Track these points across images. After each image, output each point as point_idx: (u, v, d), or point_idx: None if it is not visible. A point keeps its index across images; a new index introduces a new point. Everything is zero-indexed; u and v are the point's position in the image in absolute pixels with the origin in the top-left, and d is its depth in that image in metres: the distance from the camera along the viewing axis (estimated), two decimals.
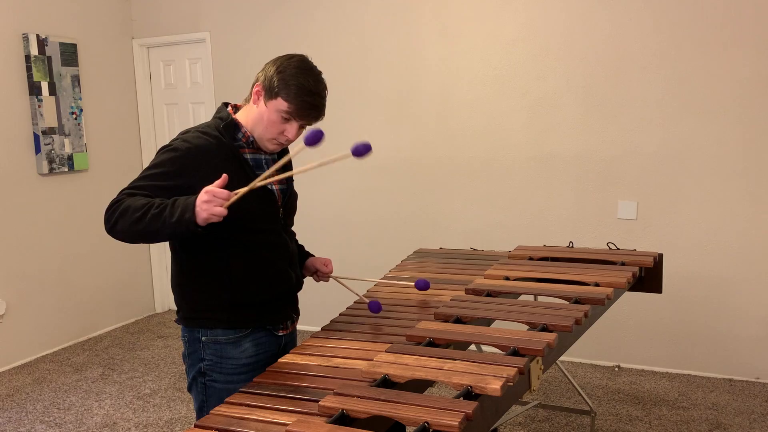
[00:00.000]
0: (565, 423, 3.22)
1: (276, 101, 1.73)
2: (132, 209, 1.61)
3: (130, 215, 1.61)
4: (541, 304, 1.95)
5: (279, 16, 4.52)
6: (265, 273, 1.83)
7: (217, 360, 1.82)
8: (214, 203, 1.56)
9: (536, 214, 4.01)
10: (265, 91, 1.75)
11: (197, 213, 1.56)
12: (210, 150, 1.74)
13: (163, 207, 1.60)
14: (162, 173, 1.71)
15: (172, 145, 1.75)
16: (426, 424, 1.24)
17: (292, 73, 1.72)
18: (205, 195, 1.56)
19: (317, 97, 1.75)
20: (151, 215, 1.59)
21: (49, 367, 4.17)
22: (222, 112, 1.84)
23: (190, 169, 1.71)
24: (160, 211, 1.59)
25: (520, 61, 3.93)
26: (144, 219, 1.59)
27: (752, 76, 3.46)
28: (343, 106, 4.42)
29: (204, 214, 1.56)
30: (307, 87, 1.72)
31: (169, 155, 1.72)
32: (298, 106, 1.73)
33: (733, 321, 3.65)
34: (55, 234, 4.47)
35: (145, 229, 1.60)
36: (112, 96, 4.90)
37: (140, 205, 1.61)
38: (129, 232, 1.63)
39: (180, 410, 3.49)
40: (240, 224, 1.77)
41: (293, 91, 1.71)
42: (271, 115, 1.75)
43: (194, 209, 1.56)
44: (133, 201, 1.63)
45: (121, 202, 1.65)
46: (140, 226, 1.60)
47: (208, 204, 1.55)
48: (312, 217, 4.48)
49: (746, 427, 3.12)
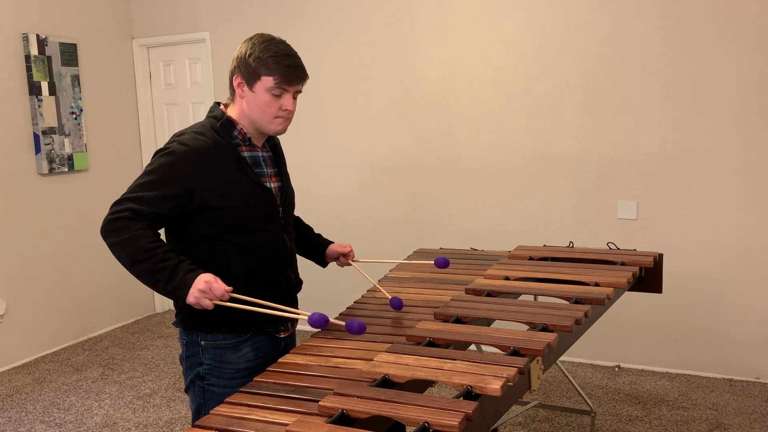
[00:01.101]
0: (565, 423, 3.22)
1: (261, 81, 1.73)
2: (135, 248, 1.64)
3: (130, 251, 1.64)
4: (541, 304, 1.95)
5: (279, 16, 4.52)
6: (266, 275, 1.83)
7: (216, 364, 1.81)
8: (207, 296, 1.63)
9: (536, 214, 4.01)
10: (246, 78, 1.75)
11: (189, 294, 1.62)
12: (207, 151, 1.72)
13: (162, 268, 1.63)
14: (161, 180, 1.69)
15: (169, 148, 1.72)
16: (426, 424, 1.24)
17: (262, 49, 1.73)
18: (203, 284, 1.62)
19: (295, 58, 1.76)
20: (149, 269, 1.64)
21: (49, 367, 4.17)
22: (215, 111, 1.83)
23: (189, 173, 1.69)
24: (158, 270, 1.63)
25: (520, 61, 3.93)
26: (141, 265, 1.64)
27: (752, 76, 3.45)
28: (343, 106, 4.42)
29: (192, 299, 1.63)
30: (281, 53, 1.74)
31: (167, 159, 1.70)
32: (283, 74, 1.73)
33: (733, 321, 3.65)
34: (55, 234, 4.47)
35: (138, 272, 1.66)
36: (112, 96, 4.91)
37: (144, 249, 1.63)
38: (123, 259, 1.66)
39: (180, 410, 3.48)
40: (240, 225, 1.77)
41: (272, 63, 1.72)
42: (262, 97, 1.75)
43: (188, 290, 1.62)
44: (138, 236, 1.64)
45: (128, 228, 1.64)
46: (135, 268, 1.65)
47: (201, 294, 1.62)
48: (312, 217, 4.46)
49: (746, 427, 3.12)
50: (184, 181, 1.69)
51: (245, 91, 1.76)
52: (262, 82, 1.73)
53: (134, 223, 1.65)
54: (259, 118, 1.78)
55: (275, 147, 1.94)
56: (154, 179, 1.69)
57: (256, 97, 1.75)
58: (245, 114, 1.79)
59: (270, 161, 1.89)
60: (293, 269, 1.94)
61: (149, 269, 1.63)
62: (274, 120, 1.78)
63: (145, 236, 1.64)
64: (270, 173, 1.87)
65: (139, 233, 1.64)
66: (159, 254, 1.63)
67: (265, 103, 1.75)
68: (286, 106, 1.77)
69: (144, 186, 1.69)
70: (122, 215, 1.65)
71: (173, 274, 1.63)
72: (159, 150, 1.75)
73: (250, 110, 1.77)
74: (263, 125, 1.79)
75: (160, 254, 1.64)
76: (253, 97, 1.75)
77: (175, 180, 1.69)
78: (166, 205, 1.68)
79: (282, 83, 1.74)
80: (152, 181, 1.69)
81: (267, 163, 1.87)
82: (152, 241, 1.65)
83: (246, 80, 1.75)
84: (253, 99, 1.75)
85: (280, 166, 1.92)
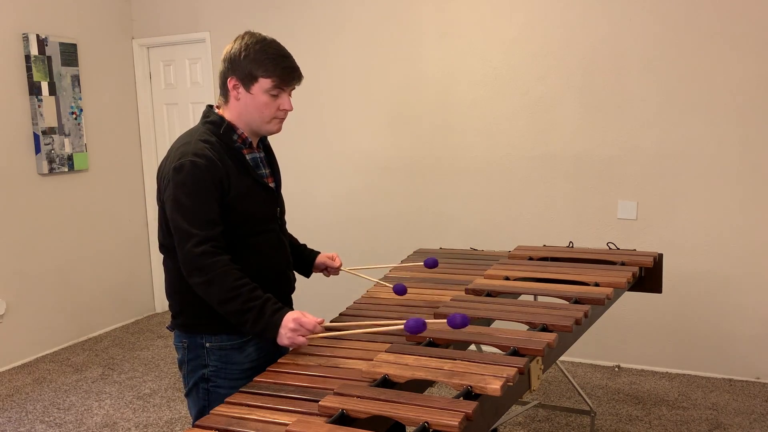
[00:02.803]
0: (565, 423, 3.22)
1: (258, 83, 1.73)
2: (221, 287, 1.63)
3: (217, 291, 1.64)
4: (541, 304, 1.95)
5: (279, 16, 4.52)
6: (268, 275, 1.83)
7: (222, 366, 1.81)
8: (300, 332, 1.64)
9: (536, 214, 4.01)
10: (242, 81, 1.74)
11: (279, 335, 1.63)
12: (218, 158, 1.71)
13: (249, 308, 1.64)
14: (203, 193, 1.66)
15: (187, 162, 1.67)
16: (426, 424, 1.24)
17: (257, 50, 1.72)
18: (292, 323, 1.63)
19: (290, 59, 1.77)
20: (236, 309, 1.64)
21: (49, 367, 4.17)
22: (212, 116, 1.80)
23: (216, 180, 1.68)
24: (245, 310, 1.64)
25: (520, 61, 3.93)
26: (228, 305, 1.64)
27: (752, 76, 3.45)
28: (343, 106, 4.42)
29: (286, 341, 1.64)
30: (277, 55, 1.74)
31: (193, 175, 1.66)
32: (281, 75, 1.74)
33: (733, 321, 3.65)
34: (55, 234, 4.47)
35: (226, 312, 1.66)
36: (112, 96, 4.90)
37: (230, 288, 1.63)
38: (211, 299, 1.67)
39: (180, 410, 3.48)
40: (249, 226, 1.77)
41: (269, 64, 1.72)
42: (260, 99, 1.74)
43: (277, 331, 1.63)
44: (224, 274, 1.63)
45: (215, 266, 1.63)
46: (223, 308, 1.66)
47: (294, 333, 1.64)
48: (312, 217, 4.48)
49: (746, 427, 3.12)
50: (214, 190, 1.68)
51: (241, 92, 1.75)
52: (259, 83, 1.73)
53: (218, 259, 1.64)
54: (257, 119, 1.77)
55: (267, 148, 1.95)
56: (197, 198, 1.66)
57: (254, 99, 1.75)
58: (242, 116, 1.78)
59: (265, 162, 1.90)
60: (290, 270, 1.95)
61: (236, 310, 1.64)
62: (272, 120, 1.79)
63: (230, 274, 1.64)
64: (266, 174, 1.89)
65: (224, 271, 1.64)
66: (244, 294, 1.64)
67: (263, 105, 1.75)
68: (284, 106, 1.78)
69: (195, 208, 1.66)
70: (204, 249, 1.63)
71: (260, 316, 1.64)
72: (177, 167, 1.68)
73: (247, 112, 1.77)
74: (260, 126, 1.79)
75: (245, 294, 1.64)
76: (250, 98, 1.75)
77: (210, 190, 1.67)
78: (219, 216, 1.69)
79: (280, 84, 1.74)
80: (198, 201, 1.66)
81: (264, 164, 1.88)
82: (237, 279, 1.64)
83: (242, 82, 1.74)
84: (251, 101, 1.75)
85: (273, 166, 1.93)
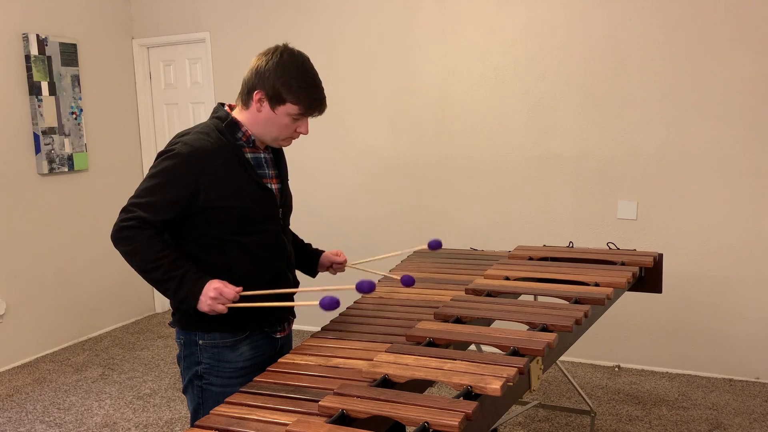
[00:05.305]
0: (565, 423, 3.22)
1: (285, 107, 1.75)
2: (143, 258, 1.68)
3: (139, 261, 1.69)
4: (541, 304, 1.95)
5: (279, 16, 4.52)
6: (265, 275, 1.83)
7: (214, 363, 1.82)
8: (219, 301, 1.67)
9: (536, 214, 4.01)
10: (270, 99, 1.75)
11: (200, 302, 1.67)
12: (211, 151, 1.72)
13: (169, 278, 1.68)
14: (167, 183, 1.69)
15: (173, 149, 1.72)
16: (426, 424, 1.24)
17: (293, 76, 1.73)
18: (212, 291, 1.66)
19: (320, 89, 1.79)
20: (157, 278, 1.69)
21: (49, 367, 4.17)
22: (220, 112, 1.83)
23: (194, 174, 1.70)
24: (166, 279, 1.68)
25: (520, 61, 3.93)
26: (149, 274, 1.69)
27: (752, 76, 3.45)
28: (343, 106, 4.42)
29: (205, 307, 1.67)
30: (310, 84, 1.76)
31: (172, 162, 1.70)
32: (308, 105, 1.76)
33: (733, 321, 3.65)
34: (55, 234, 4.47)
35: (149, 281, 1.71)
36: (112, 96, 4.90)
37: (151, 259, 1.68)
38: (134, 268, 1.72)
39: (180, 410, 3.49)
40: (241, 225, 1.77)
41: (301, 94, 1.74)
42: (282, 120, 1.77)
43: (198, 298, 1.66)
44: (146, 246, 1.68)
45: (136, 238, 1.68)
46: (145, 277, 1.71)
47: (214, 301, 1.67)
48: (312, 216, 4.48)
49: (746, 427, 3.12)
50: (188, 183, 1.69)
51: (265, 107, 1.76)
52: (286, 107, 1.75)
53: (142, 233, 1.68)
54: (273, 134, 1.80)
55: (276, 150, 1.95)
56: (160, 183, 1.70)
57: (276, 118, 1.77)
58: (257, 125, 1.79)
59: (271, 163, 1.89)
60: (291, 270, 1.94)
61: (157, 279, 1.69)
62: (286, 140, 1.83)
63: (152, 246, 1.68)
64: (271, 174, 1.88)
65: (147, 243, 1.68)
66: (165, 264, 1.67)
67: (283, 126, 1.78)
68: (301, 130, 1.82)
69: (150, 190, 1.70)
70: (130, 224, 1.68)
71: (180, 285, 1.67)
72: (163, 151, 1.74)
73: (265, 125, 1.78)
74: (271, 141, 1.83)
75: (167, 264, 1.67)
76: (273, 117, 1.77)
77: (180, 182, 1.69)
78: (172, 208, 1.71)
79: (306, 112, 1.77)
80: (158, 185, 1.70)
81: (268, 165, 1.88)
82: (159, 251, 1.68)
83: (269, 99, 1.75)
84: (272, 119, 1.77)
85: (280, 168, 1.93)
